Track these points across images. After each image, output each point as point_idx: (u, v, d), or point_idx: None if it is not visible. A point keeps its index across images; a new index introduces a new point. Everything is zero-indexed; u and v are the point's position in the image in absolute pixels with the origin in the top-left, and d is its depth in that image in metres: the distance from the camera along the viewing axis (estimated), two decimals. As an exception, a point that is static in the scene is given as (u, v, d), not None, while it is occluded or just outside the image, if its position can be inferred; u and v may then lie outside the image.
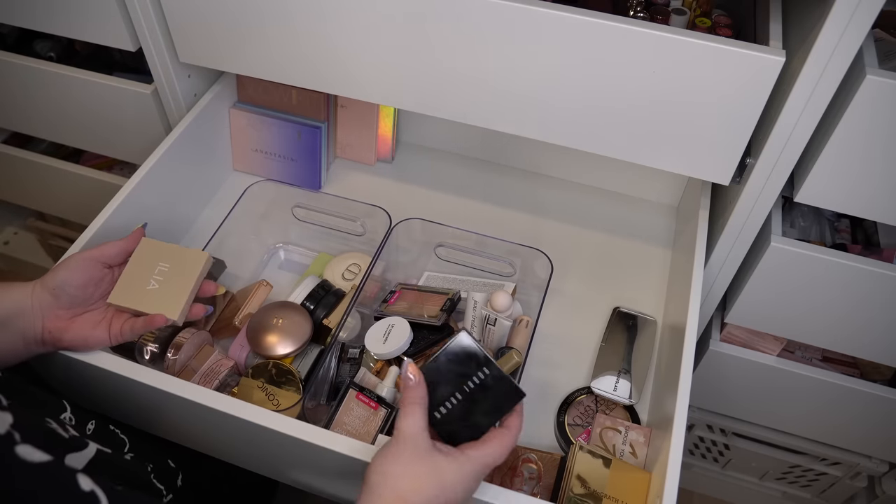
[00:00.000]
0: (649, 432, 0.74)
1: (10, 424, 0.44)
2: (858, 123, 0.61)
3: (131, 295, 0.67)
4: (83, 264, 0.64)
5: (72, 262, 0.64)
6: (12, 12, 0.87)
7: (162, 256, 0.70)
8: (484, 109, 0.74)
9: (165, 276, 0.69)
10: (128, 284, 0.68)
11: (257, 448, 0.68)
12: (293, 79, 0.81)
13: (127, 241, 0.69)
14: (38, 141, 1.23)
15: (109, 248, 0.67)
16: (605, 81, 0.67)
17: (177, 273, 0.69)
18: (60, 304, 0.63)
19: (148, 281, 0.68)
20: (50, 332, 0.63)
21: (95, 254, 0.66)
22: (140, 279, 0.68)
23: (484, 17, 0.65)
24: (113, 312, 0.67)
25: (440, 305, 0.79)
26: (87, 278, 0.65)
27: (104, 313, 0.67)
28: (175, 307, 0.68)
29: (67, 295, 0.63)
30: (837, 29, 0.57)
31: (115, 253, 0.68)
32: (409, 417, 0.54)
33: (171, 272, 0.69)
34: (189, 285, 0.69)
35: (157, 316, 0.66)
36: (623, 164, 0.75)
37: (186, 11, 0.78)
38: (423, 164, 1.06)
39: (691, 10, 0.78)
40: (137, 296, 0.67)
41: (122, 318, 0.66)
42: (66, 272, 0.64)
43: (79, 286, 0.64)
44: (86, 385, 0.68)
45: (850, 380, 0.88)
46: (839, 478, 1.11)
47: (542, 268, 0.82)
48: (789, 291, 0.78)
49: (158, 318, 0.66)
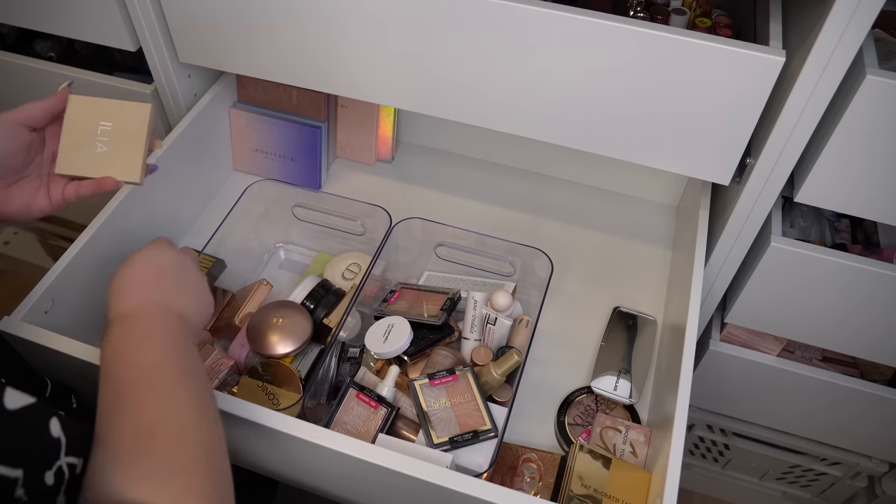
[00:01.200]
0: (649, 432, 0.74)
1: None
2: (858, 123, 0.61)
3: (80, 161, 0.62)
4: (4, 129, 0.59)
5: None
6: (12, 12, 0.87)
7: (100, 114, 0.64)
8: (484, 109, 0.74)
9: (111, 136, 0.63)
10: (72, 149, 0.62)
11: (257, 447, 0.68)
12: (293, 79, 0.81)
13: (51, 101, 0.62)
14: (38, 141, 1.22)
15: (30, 108, 0.61)
16: (605, 81, 0.67)
17: (123, 131, 0.63)
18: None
19: (94, 144, 0.63)
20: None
21: (16, 115, 0.60)
22: (84, 143, 0.62)
23: (484, 18, 0.66)
24: (49, 178, 0.63)
25: (440, 305, 0.79)
26: (14, 145, 0.60)
27: (40, 178, 0.63)
28: (134, 168, 0.63)
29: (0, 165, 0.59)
30: (837, 29, 0.57)
31: (39, 115, 0.62)
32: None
33: (116, 131, 0.63)
34: (141, 142, 0.63)
35: (105, 179, 0.62)
36: (623, 164, 0.75)
37: (186, 11, 0.78)
38: (423, 164, 1.06)
39: (691, 10, 0.78)
40: (88, 161, 0.62)
41: (62, 183, 0.63)
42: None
43: (6, 154, 0.59)
44: (86, 384, 0.68)
45: (850, 380, 0.88)
46: (839, 478, 1.11)
47: (543, 267, 0.82)
48: (789, 291, 0.78)
49: (107, 182, 0.62)
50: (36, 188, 0.62)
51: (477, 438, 0.67)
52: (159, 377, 0.48)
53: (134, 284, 0.53)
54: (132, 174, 0.64)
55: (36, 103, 0.62)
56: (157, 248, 0.57)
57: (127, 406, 0.46)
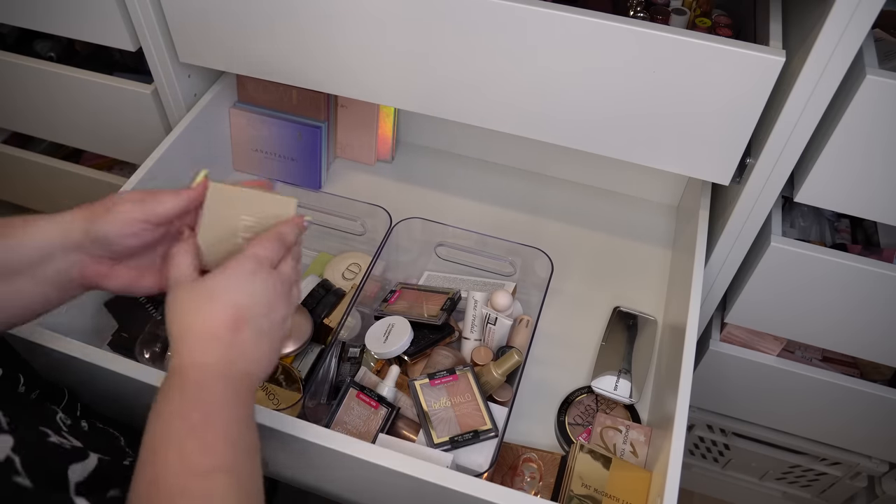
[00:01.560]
0: (650, 431, 0.74)
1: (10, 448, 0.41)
2: (858, 123, 0.61)
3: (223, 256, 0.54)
4: (134, 226, 0.52)
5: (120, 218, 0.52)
6: (12, 12, 0.87)
7: (242, 206, 0.56)
8: (484, 109, 0.74)
9: (254, 234, 0.55)
10: (213, 244, 0.54)
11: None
12: (293, 79, 0.81)
13: (187, 198, 0.54)
14: (38, 141, 1.22)
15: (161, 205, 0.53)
16: (605, 81, 0.67)
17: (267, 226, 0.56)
18: (102, 252, 0.53)
19: (236, 238, 0.55)
20: (88, 278, 0.54)
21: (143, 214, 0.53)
22: (224, 238, 0.55)
23: (484, 18, 0.66)
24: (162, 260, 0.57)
25: (440, 305, 0.79)
26: (136, 241, 0.53)
27: (153, 261, 0.57)
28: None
29: (109, 249, 0.53)
30: (837, 29, 0.57)
31: (171, 214, 0.54)
32: (172, 268, 0.49)
33: (260, 229, 0.56)
34: None
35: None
36: (623, 164, 0.75)
37: (186, 11, 0.78)
38: (423, 164, 1.06)
39: (691, 10, 0.78)
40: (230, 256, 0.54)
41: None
42: (111, 227, 0.52)
43: (126, 245, 0.53)
44: (85, 384, 0.68)
45: (850, 380, 0.88)
46: (839, 478, 1.11)
47: (543, 267, 0.82)
48: (789, 291, 0.78)
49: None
50: (145, 268, 0.56)
51: (477, 438, 0.67)
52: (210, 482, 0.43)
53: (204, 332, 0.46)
54: None
55: (168, 198, 0.53)
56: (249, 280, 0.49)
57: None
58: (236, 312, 0.47)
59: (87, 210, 0.53)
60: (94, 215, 0.52)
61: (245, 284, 0.49)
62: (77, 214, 0.53)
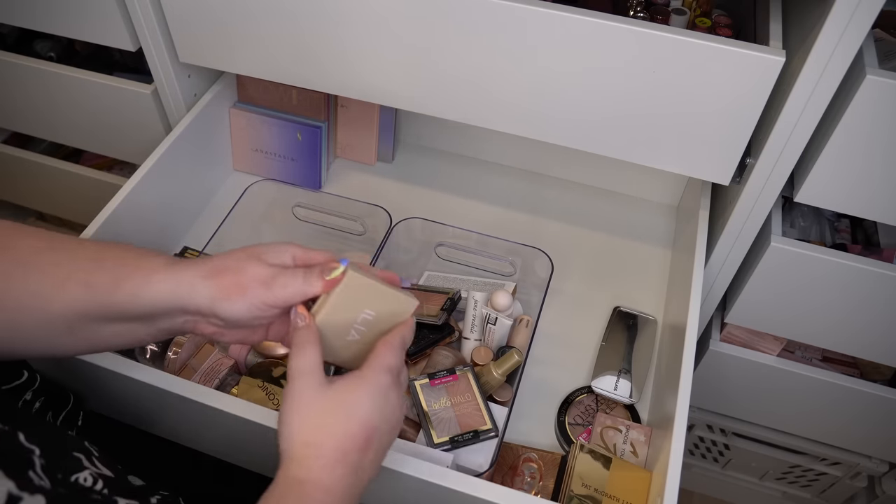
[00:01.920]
0: (650, 431, 0.74)
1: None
2: (858, 123, 0.61)
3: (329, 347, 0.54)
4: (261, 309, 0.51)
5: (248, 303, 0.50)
6: (12, 12, 0.87)
7: (368, 301, 0.54)
8: (484, 109, 0.74)
9: (369, 328, 0.54)
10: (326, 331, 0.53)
11: (257, 447, 0.68)
12: (293, 79, 0.81)
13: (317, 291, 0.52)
14: (38, 141, 1.22)
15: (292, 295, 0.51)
16: (605, 81, 0.67)
17: (382, 325, 0.55)
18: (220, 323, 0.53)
19: (349, 330, 0.54)
20: (202, 335, 0.54)
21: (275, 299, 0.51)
22: (341, 328, 0.54)
23: (484, 17, 0.66)
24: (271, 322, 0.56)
25: (440, 305, 0.79)
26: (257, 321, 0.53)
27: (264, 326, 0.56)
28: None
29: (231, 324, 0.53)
30: (837, 29, 0.57)
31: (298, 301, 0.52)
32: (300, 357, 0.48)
33: (375, 323, 0.54)
34: None
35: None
36: (623, 164, 0.75)
37: (186, 11, 0.78)
38: (423, 164, 1.06)
39: (691, 10, 0.78)
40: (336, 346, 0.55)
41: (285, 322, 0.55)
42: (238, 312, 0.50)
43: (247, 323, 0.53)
44: (85, 383, 0.68)
45: (850, 380, 0.88)
46: (839, 478, 1.11)
47: (543, 267, 0.82)
48: (789, 291, 0.78)
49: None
50: (256, 328, 0.56)
51: (477, 438, 0.67)
52: None
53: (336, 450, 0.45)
54: None
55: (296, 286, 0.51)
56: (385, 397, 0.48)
57: None
58: (369, 433, 0.47)
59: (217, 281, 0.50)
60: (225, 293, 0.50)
61: (380, 402, 0.48)
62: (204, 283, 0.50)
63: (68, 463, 0.48)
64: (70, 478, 0.47)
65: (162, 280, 0.50)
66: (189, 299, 0.50)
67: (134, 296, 0.50)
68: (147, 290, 0.50)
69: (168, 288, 0.50)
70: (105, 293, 0.50)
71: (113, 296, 0.50)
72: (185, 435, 0.74)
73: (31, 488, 0.40)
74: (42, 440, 0.46)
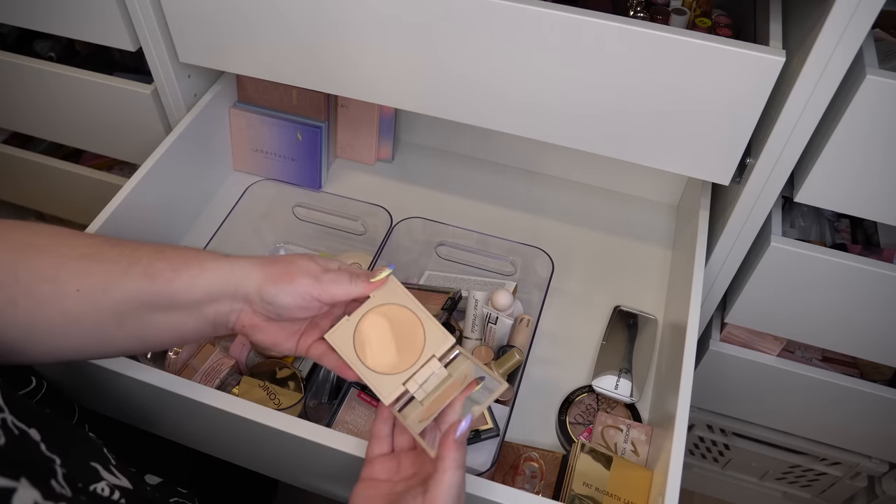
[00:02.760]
0: (650, 430, 0.74)
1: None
2: (858, 123, 0.61)
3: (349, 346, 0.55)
4: (307, 301, 0.54)
5: (297, 291, 0.54)
6: (12, 12, 0.87)
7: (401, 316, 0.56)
8: (485, 110, 0.74)
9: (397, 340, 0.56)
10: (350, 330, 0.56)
11: (258, 447, 0.68)
12: (294, 79, 0.81)
13: (364, 290, 0.56)
14: (38, 141, 1.22)
15: (341, 290, 0.55)
16: (605, 81, 0.67)
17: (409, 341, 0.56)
18: (265, 311, 0.55)
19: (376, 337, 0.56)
20: (242, 326, 0.56)
21: (323, 293, 0.54)
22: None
23: (484, 17, 0.66)
24: (308, 325, 0.59)
25: (441, 304, 0.79)
26: (302, 313, 0.56)
27: (301, 324, 0.59)
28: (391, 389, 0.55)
29: (275, 312, 0.55)
30: (837, 29, 0.57)
31: (342, 299, 0.56)
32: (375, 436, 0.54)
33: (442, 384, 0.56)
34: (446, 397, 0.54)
35: (349, 373, 0.56)
36: (623, 163, 0.75)
37: (186, 11, 0.78)
38: (423, 164, 1.07)
39: (691, 10, 0.78)
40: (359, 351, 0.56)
41: (315, 336, 0.58)
42: (285, 298, 0.53)
43: (291, 313, 0.55)
44: (86, 384, 0.68)
45: (850, 380, 0.89)
46: (839, 478, 1.11)
47: (543, 267, 0.82)
48: (789, 291, 0.78)
49: (349, 373, 0.57)
50: (291, 333, 0.58)
51: (478, 438, 0.67)
52: None
53: None
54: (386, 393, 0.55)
55: (345, 282, 0.55)
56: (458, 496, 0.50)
57: None
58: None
59: (268, 269, 0.54)
60: (274, 279, 0.54)
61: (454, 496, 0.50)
62: (257, 270, 0.54)
63: (87, 473, 0.49)
64: (89, 487, 0.48)
65: (216, 268, 0.54)
66: (240, 283, 0.53)
67: (190, 284, 0.53)
68: (202, 278, 0.53)
69: (222, 274, 0.53)
70: (165, 281, 0.52)
71: (171, 283, 0.52)
72: (186, 435, 0.74)
73: (55, 497, 0.40)
74: (62, 450, 0.46)
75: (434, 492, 0.49)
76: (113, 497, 0.49)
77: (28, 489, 0.38)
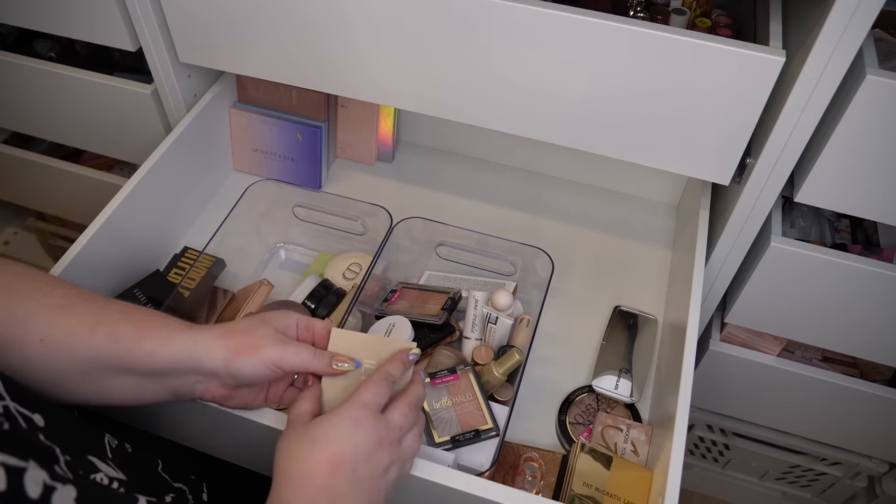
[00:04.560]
0: (650, 430, 0.74)
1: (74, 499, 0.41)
2: (858, 123, 0.61)
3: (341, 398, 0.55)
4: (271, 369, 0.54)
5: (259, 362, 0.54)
6: (12, 12, 0.87)
7: (365, 352, 0.59)
8: (485, 110, 0.74)
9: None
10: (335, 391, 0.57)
11: (258, 447, 0.68)
12: (294, 79, 0.81)
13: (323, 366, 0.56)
14: (38, 141, 1.22)
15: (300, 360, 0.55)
16: (605, 81, 0.67)
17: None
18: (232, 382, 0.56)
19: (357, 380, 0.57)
20: (212, 397, 0.57)
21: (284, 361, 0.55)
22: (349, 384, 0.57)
23: (484, 18, 0.66)
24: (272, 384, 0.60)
25: (441, 304, 0.79)
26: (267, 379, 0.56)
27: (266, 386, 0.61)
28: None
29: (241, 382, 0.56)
30: (837, 29, 0.57)
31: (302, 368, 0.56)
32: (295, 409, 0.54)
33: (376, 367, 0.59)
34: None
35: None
36: (623, 163, 0.75)
37: (186, 11, 0.78)
38: (423, 164, 1.07)
39: (691, 10, 0.78)
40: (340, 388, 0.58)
41: (283, 386, 0.61)
42: (251, 370, 0.54)
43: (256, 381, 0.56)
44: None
45: (850, 380, 0.89)
46: (839, 478, 1.11)
47: (543, 267, 0.82)
48: (789, 291, 0.78)
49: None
50: (258, 391, 0.60)
51: (478, 437, 0.67)
52: None
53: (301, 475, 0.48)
54: None
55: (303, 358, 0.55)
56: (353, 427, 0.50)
57: None
58: (334, 458, 0.49)
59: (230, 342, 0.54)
60: (237, 352, 0.53)
61: (348, 432, 0.50)
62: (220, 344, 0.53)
63: (85, 464, 0.49)
64: (89, 476, 0.48)
65: (180, 340, 0.53)
66: (204, 358, 0.53)
67: (152, 352, 0.52)
68: (166, 348, 0.53)
69: (185, 347, 0.53)
70: (127, 345, 0.52)
71: (133, 349, 0.52)
72: (185, 435, 0.74)
73: (62, 479, 0.41)
74: (61, 440, 0.47)
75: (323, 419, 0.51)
76: (112, 486, 0.50)
77: (37, 469, 0.39)
